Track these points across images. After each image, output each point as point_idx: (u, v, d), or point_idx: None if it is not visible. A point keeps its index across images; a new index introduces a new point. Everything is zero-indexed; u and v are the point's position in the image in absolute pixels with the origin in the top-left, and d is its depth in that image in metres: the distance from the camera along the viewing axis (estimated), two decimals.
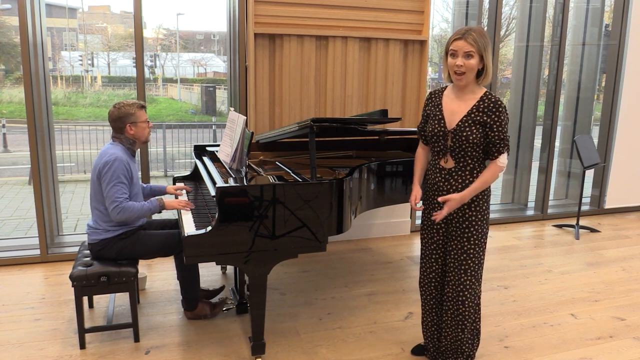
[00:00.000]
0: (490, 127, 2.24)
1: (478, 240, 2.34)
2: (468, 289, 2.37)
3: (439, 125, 2.32)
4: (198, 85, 21.80)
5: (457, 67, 2.21)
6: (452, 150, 2.29)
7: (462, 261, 2.34)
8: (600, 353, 2.80)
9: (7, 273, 3.67)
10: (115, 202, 2.61)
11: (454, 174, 2.31)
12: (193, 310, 3.00)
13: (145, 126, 2.81)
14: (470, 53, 2.18)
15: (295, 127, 2.73)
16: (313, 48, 3.91)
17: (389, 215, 4.66)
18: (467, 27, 2.23)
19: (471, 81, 2.25)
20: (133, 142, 2.79)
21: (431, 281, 2.50)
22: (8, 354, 2.64)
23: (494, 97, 2.25)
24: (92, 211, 2.76)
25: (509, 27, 15.71)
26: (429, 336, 2.60)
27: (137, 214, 2.67)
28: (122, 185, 2.64)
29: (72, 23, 29.63)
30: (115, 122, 2.75)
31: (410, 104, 4.26)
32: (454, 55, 2.21)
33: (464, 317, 2.40)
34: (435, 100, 2.40)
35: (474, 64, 2.19)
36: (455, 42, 2.21)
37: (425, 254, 2.50)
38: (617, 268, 4.07)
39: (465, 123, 2.25)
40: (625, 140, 5.39)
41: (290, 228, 2.46)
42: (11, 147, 10.91)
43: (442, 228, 2.41)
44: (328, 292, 3.47)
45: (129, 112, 2.74)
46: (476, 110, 2.25)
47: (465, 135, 2.24)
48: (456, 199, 2.26)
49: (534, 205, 5.51)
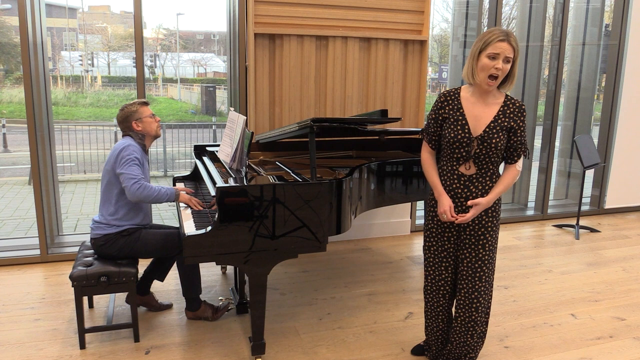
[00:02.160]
0: (515, 132, 2.19)
1: (492, 246, 2.29)
2: (482, 295, 2.33)
3: (462, 131, 2.19)
4: (198, 85, 21.80)
5: (495, 70, 2.08)
6: (476, 156, 2.19)
7: (476, 268, 2.29)
8: (600, 353, 2.80)
9: (7, 273, 3.67)
10: (134, 179, 2.64)
11: (475, 181, 2.23)
12: (195, 311, 3.00)
13: (151, 120, 2.86)
14: (510, 58, 2.09)
15: (295, 127, 2.73)
16: (313, 48, 3.91)
17: (389, 215, 4.67)
18: (500, 28, 2.12)
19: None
20: (143, 136, 2.85)
21: (440, 289, 2.43)
22: (8, 354, 2.64)
23: (517, 101, 2.20)
24: (102, 203, 2.78)
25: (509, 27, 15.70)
26: (433, 340, 2.57)
27: (154, 195, 2.68)
28: (138, 166, 2.69)
29: (72, 23, 29.64)
30: (123, 123, 2.83)
31: (410, 104, 4.26)
32: (495, 57, 2.08)
33: (476, 323, 2.36)
34: (452, 104, 2.25)
35: (508, 69, 2.12)
36: (498, 43, 2.07)
37: (435, 261, 2.41)
38: (617, 268, 4.07)
39: (493, 129, 2.17)
40: (625, 140, 5.39)
41: (290, 228, 2.46)
42: (11, 147, 10.91)
43: (453, 235, 2.33)
44: (328, 292, 3.47)
45: (131, 110, 2.82)
46: (502, 115, 2.18)
47: (494, 142, 2.16)
48: (483, 204, 2.20)
49: (534, 205, 5.52)
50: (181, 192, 2.83)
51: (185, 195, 2.84)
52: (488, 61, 2.09)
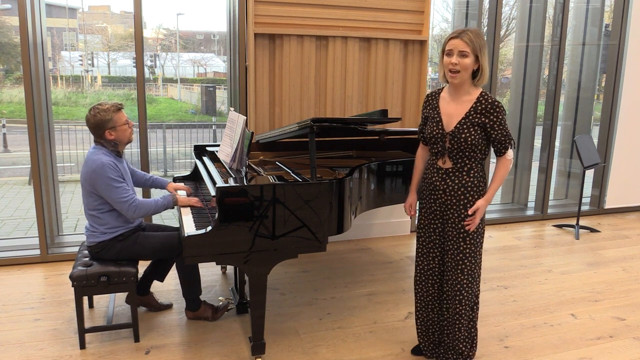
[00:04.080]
0: (492, 127, 2.27)
1: (474, 240, 2.36)
2: (465, 288, 2.39)
3: (437, 128, 2.35)
4: (198, 85, 21.79)
5: (451, 65, 2.23)
6: (450, 151, 2.32)
7: (458, 261, 2.37)
8: (600, 353, 2.80)
9: (7, 273, 3.67)
10: (125, 202, 2.61)
11: (451, 174, 2.34)
12: (195, 311, 3.00)
13: (125, 128, 2.72)
14: (465, 52, 2.20)
15: (295, 127, 2.73)
16: (313, 48, 3.91)
17: (389, 215, 4.66)
18: (465, 27, 2.26)
19: (466, 81, 2.27)
20: (116, 144, 2.72)
21: (428, 279, 2.51)
22: (8, 354, 2.64)
23: (490, 97, 2.28)
24: (87, 217, 2.74)
25: (509, 27, 15.70)
26: (422, 334, 2.62)
27: (152, 210, 2.68)
28: (121, 185, 2.63)
29: (72, 23, 29.62)
30: (94, 130, 2.67)
31: (410, 104, 4.26)
32: (449, 54, 2.24)
33: (461, 315, 2.42)
34: (432, 102, 2.43)
35: (469, 63, 2.21)
36: (450, 40, 2.24)
37: (422, 252, 2.51)
38: (617, 268, 4.07)
39: (464, 125, 2.27)
40: (625, 140, 5.39)
41: (290, 228, 2.46)
42: (11, 147, 10.91)
43: (438, 227, 2.43)
44: (328, 292, 3.47)
45: (104, 119, 2.64)
46: (474, 112, 2.28)
47: (464, 137, 2.26)
48: (484, 204, 2.30)
49: (534, 205, 5.51)
50: (178, 198, 2.81)
51: (183, 199, 2.82)
52: (446, 58, 2.26)
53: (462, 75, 2.24)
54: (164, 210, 2.76)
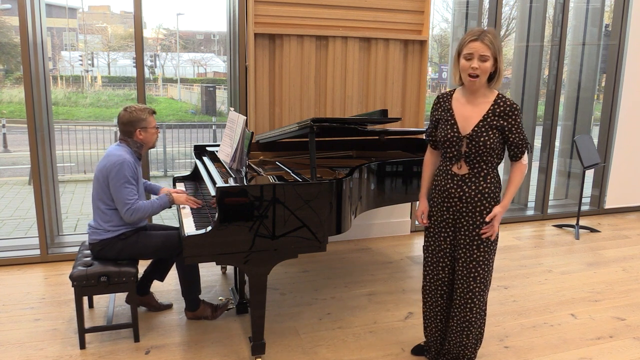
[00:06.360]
0: (510, 131, 2.20)
1: (488, 247, 2.29)
2: (477, 296, 2.33)
3: (451, 131, 2.25)
4: (198, 85, 21.79)
5: (472, 70, 2.14)
6: (466, 156, 2.23)
7: (470, 269, 2.30)
8: (600, 353, 2.80)
9: (7, 273, 3.67)
10: (127, 205, 2.63)
11: (467, 181, 2.25)
12: (194, 311, 3.00)
13: (154, 132, 2.82)
14: (486, 56, 2.12)
15: (295, 127, 2.73)
16: (313, 48, 3.91)
17: (389, 215, 4.66)
18: (480, 28, 2.17)
19: (483, 84, 2.21)
20: (140, 145, 2.79)
21: (437, 289, 2.45)
22: (8, 354, 2.64)
23: (508, 100, 2.21)
24: (94, 210, 2.76)
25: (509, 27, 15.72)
26: (432, 341, 2.58)
27: (149, 212, 2.70)
28: (132, 187, 2.66)
29: (72, 23, 29.63)
30: (125, 126, 2.74)
31: (410, 104, 4.26)
32: (469, 57, 2.15)
33: (471, 323, 2.37)
34: (444, 105, 2.33)
35: (489, 66, 2.14)
36: (470, 43, 2.13)
37: (432, 261, 2.43)
38: (617, 268, 4.07)
39: (482, 128, 2.20)
40: (625, 140, 5.39)
41: (290, 228, 2.46)
42: (11, 147, 10.91)
43: (449, 236, 2.35)
44: (328, 292, 3.47)
45: (140, 117, 2.74)
46: (492, 114, 2.20)
47: (483, 141, 2.18)
48: (501, 211, 2.24)
49: (534, 205, 5.51)
50: (173, 195, 2.81)
51: (180, 198, 2.82)
52: (465, 62, 2.17)
53: (481, 79, 2.16)
54: (161, 210, 2.77)
